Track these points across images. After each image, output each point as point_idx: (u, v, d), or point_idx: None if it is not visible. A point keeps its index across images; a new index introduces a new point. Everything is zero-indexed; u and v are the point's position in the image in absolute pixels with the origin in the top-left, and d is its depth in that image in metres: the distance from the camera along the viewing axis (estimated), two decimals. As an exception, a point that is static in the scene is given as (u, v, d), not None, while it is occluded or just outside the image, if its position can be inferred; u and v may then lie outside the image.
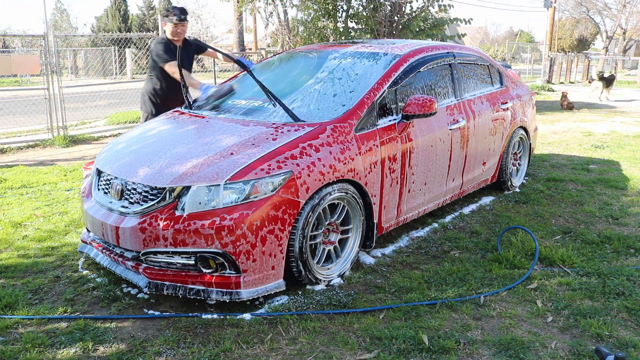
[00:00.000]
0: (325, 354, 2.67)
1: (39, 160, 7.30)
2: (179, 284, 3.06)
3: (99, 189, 3.54)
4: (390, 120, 3.84)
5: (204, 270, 3.03)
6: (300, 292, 3.28)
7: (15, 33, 35.99)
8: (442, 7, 10.44)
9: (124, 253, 3.23)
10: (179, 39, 4.90)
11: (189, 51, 5.07)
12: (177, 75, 4.54)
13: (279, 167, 3.10)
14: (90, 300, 3.22)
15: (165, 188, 3.08)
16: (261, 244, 3.01)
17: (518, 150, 5.73)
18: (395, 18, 9.96)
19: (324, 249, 3.46)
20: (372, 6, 9.82)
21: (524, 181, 5.93)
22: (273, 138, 3.34)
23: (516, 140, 5.54)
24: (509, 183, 5.50)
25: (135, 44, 24.27)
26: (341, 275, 3.51)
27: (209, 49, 5.24)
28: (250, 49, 30.55)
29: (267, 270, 3.07)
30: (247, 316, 3.01)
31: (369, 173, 3.59)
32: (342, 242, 3.60)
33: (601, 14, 38.92)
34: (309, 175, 3.18)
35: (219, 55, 5.11)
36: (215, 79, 11.72)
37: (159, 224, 3.00)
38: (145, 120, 4.92)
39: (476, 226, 4.53)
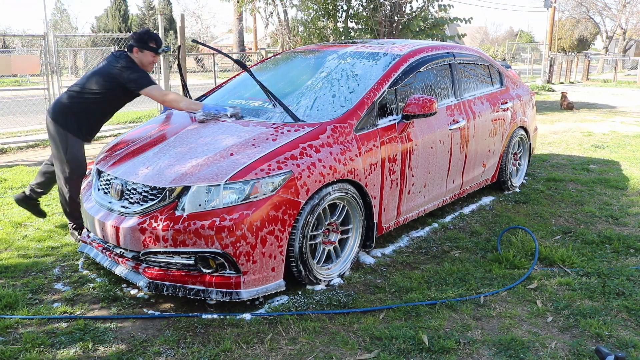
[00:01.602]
0: (325, 354, 2.67)
1: (39, 160, 7.30)
2: (179, 284, 3.06)
3: (99, 189, 3.54)
4: (390, 121, 3.84)
5: (204, 270, 3.03)
6: (300, 292, 3.28)
7: (15, 33, 36.01)
8: (442, 7, 10.45)
9: (124, 253, 3.23)
10: (149, 70, 4.12)
11: None
12: (168, 97, 3.93)
13: (279, 168, 3.10)
14: (90, 300, 3.22)
15: (165, 188, 3.08)
16: (261, 245, 3.01)
17: (518, 150, 5.73)
18: (395, 18, 9.96)
19: (324, 249, 3.46)
20: (372, 6, 9.82)
21: (524, 181, 5.93)
22: (273, 138, 3.34)
23: (516, 140, 5.54)
24: (509, 183, 5.50)
25: (135, 44, 24.20)
26: (341, 275, 3.51)
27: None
28: (250, 49, 30.55)
29: (267, 270, 3.07)
30: (247, 316, 3.01)
31: (369, 173, 3.59)
32: (342, 242, 3.60)
33: (601, 14, 38.95)
34: (309, 175, 3.18)
35: None
36: (215, 79, 11.71)
37: (158, 224, 3.00)
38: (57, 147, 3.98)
39: (476, 226, 4.53)
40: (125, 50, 4.04)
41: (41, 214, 4.49)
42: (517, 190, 5.61)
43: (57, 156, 4.01)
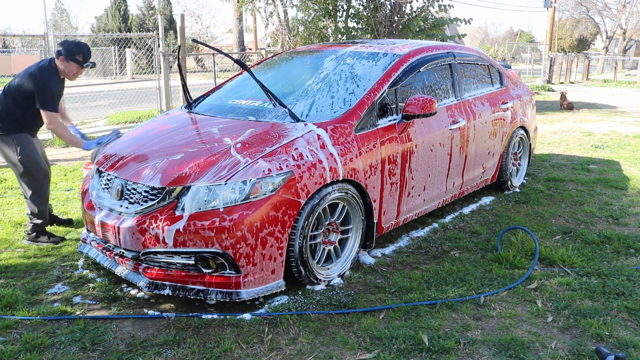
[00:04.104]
0: (325, 354, 2.67)
1: (39, 160, 7.29)
2: (179, 284, 3.06)
3: (98, 189, 3.54)
4: (390, 121, 3.84)
5: (204, 270, 3.03)
6: (300, 292, 3.28)
7: (15, 33, 36.02)
8: (442, 7, 10.44)
9: (124, 253, 3.23)
10: (74, 79, 4.17)
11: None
12: (58, 130, 3.94)
13: (279, 168, 3.10)
14: (90, 300, 3.22)
15: (165, 188, 3.08)
16: (261, 246, 3.01)
17: (518, 150, 5.73)
18: (396, 18, 9.96)
19: (324, 249, 3.46)
20: (372, 6, 9.82)
21: (524, 181, 5.93)
22: (273, 138, 3.34)
23: (516, 140, 5.54)
24: (509, 183, 5.50)
25: (135, 44, 24.28)
26: (341, 275, 3.51)
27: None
28: (250, 49, 30.55)
29: (267, 271, 3.07)
30: (247, 316, 3.01)
31: (369, 173, 3.59)
32: (342, 242, 3.60)
33: (601, 14, 38.97)
34: (309, 176, 3.18)
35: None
36: (215, 79, 11.72)
37: (158, 225, 3.00)
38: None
39: (476, 226, 4.53)
40: (54, 57, 4.05)
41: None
42: (517, 190, 5.61)
43: (11, 161, 4.05)
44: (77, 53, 3.99)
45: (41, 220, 4.13)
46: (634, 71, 35.90)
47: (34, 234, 4.11)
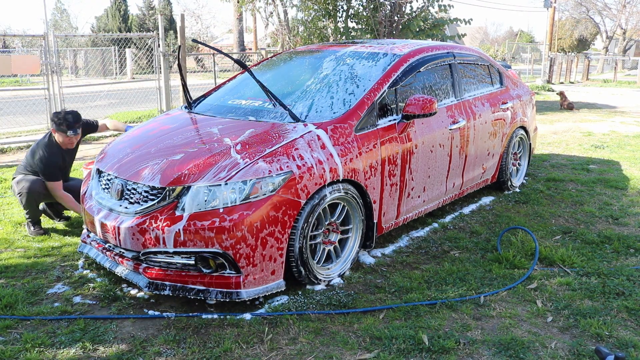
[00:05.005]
0: (325, 354, 2.67)
1: (39, 160, 7.29)
2: (179, 284, 3.06)
3: (99, 189, 3.54)
4: (390, 121, 3.84)
5: (204, 270, 3.03)
6: (300, 292, 3.28)
7: (15, 33, 35.99)
8: (442, 7, 10.44)
9: (124, 253, 3.23)
10: (71, 146, 4.39)
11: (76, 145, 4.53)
12: (60, 197, 4.27)
13: (279, 168, 3.10)
14: (90, 300, 3.22)
15: (165, 188, 3.08)
16: (261, 246, 3.01)
17: (518, 150, 5.73)
18: (395, 18, 9.96)
19: (324, 249, 3.46)
20: (372, 6, 9.82)
21: (524, 181, 5.93)
22: (273, 138, 3.34)
23: (516, 140, 5.54)
24: (509, 183, 5.50)
25: (135, 44, 24.29)
26: (341, 275, 3.51)
27: (99, 125, 4.75)
28: (250, 49, 30.54)
29: (267, 270, 3.07)
30: (247, 316, 3.01)
31: (369, 174, 3.59)
32: (342, 242, 3.60)
33: (601, 14, 38.99)
34: (309, 176, 3.18)
35: (109, 125, 4.80)
36: (215, 79, 11.72)
37: (158, 225, 3.00)
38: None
39: (476, 226, 4.53)
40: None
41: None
42: (517, 190, 5.61)
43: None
44: (60, 123, 4.24)
45: (29, 218, 4.37)
46: (634, 71, 35.90)
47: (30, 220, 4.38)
